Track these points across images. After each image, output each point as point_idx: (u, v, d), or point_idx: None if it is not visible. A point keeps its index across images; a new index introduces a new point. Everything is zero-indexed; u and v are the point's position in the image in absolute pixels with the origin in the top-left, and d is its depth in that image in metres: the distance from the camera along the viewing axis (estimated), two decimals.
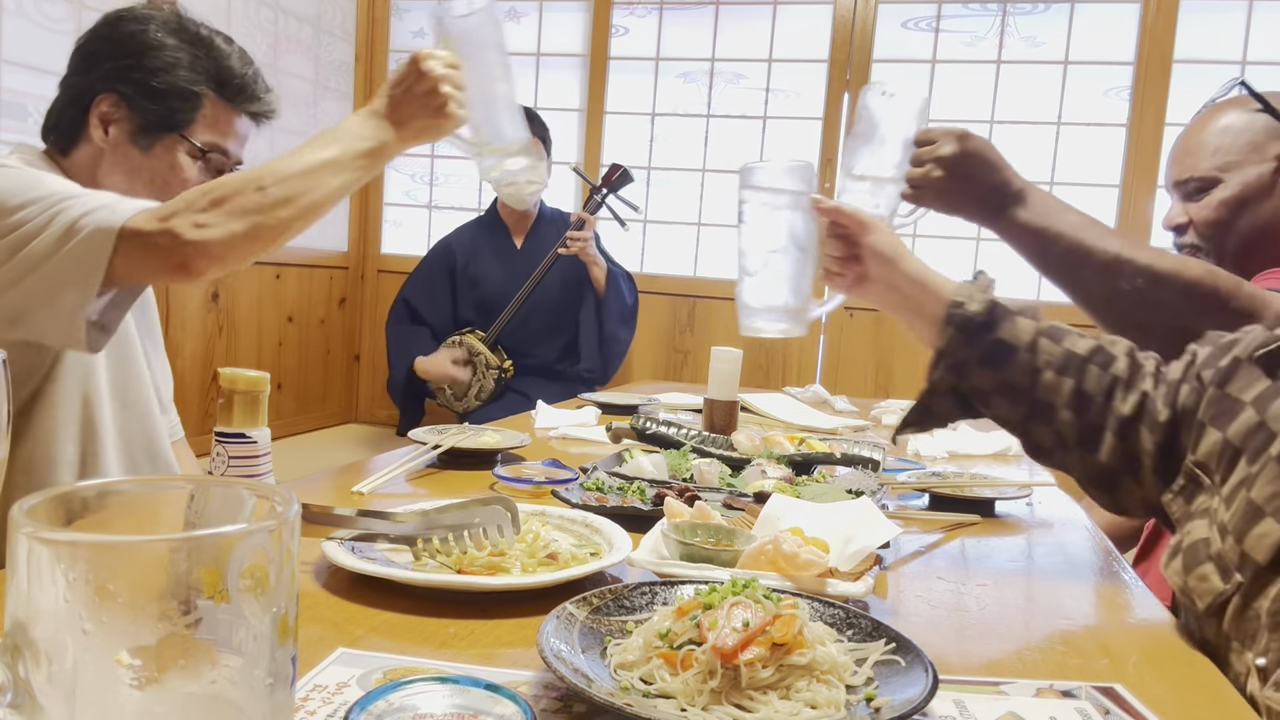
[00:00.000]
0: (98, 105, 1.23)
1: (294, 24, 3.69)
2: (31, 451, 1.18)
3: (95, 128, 1.23)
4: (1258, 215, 1.39)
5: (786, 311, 1.07)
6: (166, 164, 1.26)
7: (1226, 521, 0.74)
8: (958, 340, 0.91)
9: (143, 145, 1.24)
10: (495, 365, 3.06)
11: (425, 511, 0.85)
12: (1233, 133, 1.40)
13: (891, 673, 0.60)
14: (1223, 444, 0.78)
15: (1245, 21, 3.32)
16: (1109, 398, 0.88)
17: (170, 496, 0.42)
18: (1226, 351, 0.82)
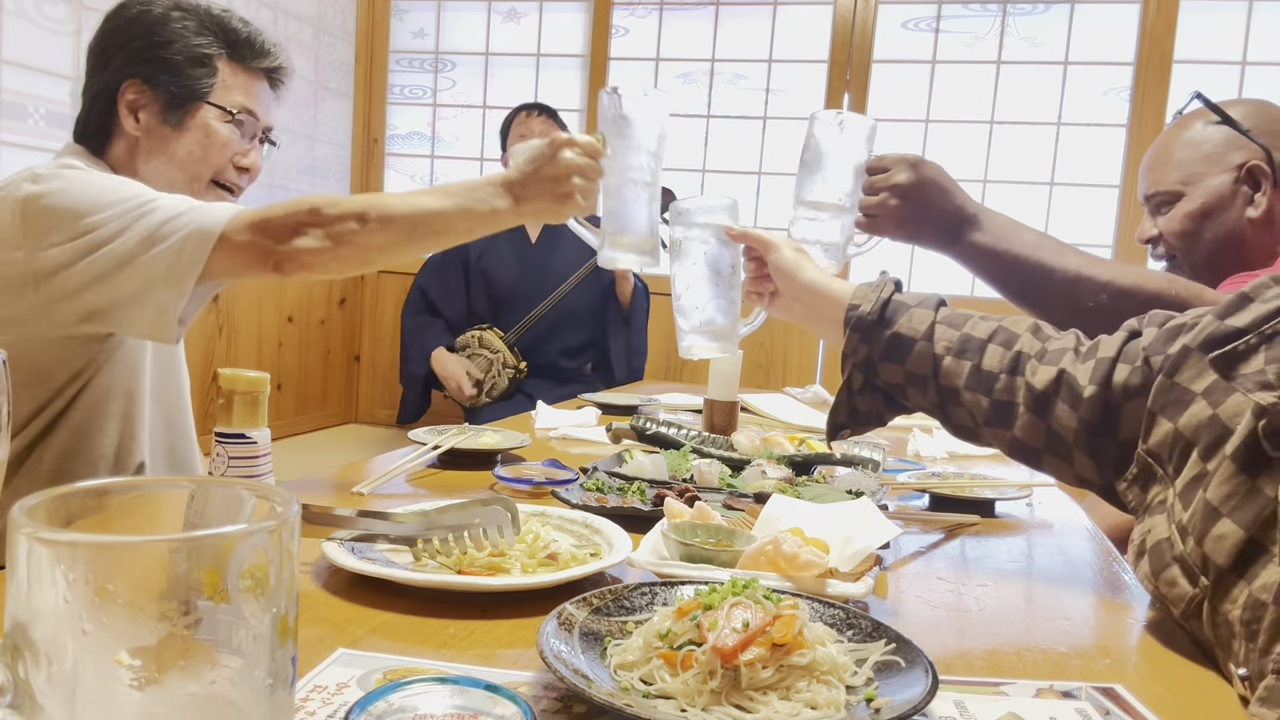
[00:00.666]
0: (123, 95, 1.24)
1: (294, 24, 3.69)
2: (69, 441, 1.20)
3: (125, 118, 1.25)
4: (1221, 225, 1.42)
5: (715, 331, 1.15)
6: (201, 134, 1.27)
7: (1186, 522, 0.73)
8: (856, 340, 0.95)
9: (174, 122, 1.25)
10: (511, 365, 3.08)
11: (425, 512, 0.85)
12: (1193, 146, 1.43)
13: (891, 673, 0.60)
14: (1174, 435, 0.77)
15: (1245, 21, 3.32)
16: (1014, 373, 0.88)
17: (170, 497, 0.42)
18: (1174, 337, 0.81)
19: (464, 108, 4.12)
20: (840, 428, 1.00)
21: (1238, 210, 1.40)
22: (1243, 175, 1.40)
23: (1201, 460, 0.74)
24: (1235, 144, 1.41)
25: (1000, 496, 1.21)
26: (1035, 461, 0.90)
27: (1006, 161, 3.56)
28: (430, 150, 4.17)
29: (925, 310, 0.94)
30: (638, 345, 3.19)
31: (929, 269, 3.58)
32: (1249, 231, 1.41)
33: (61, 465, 1.19)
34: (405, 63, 4.16)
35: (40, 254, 1.08)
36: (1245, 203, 1.40)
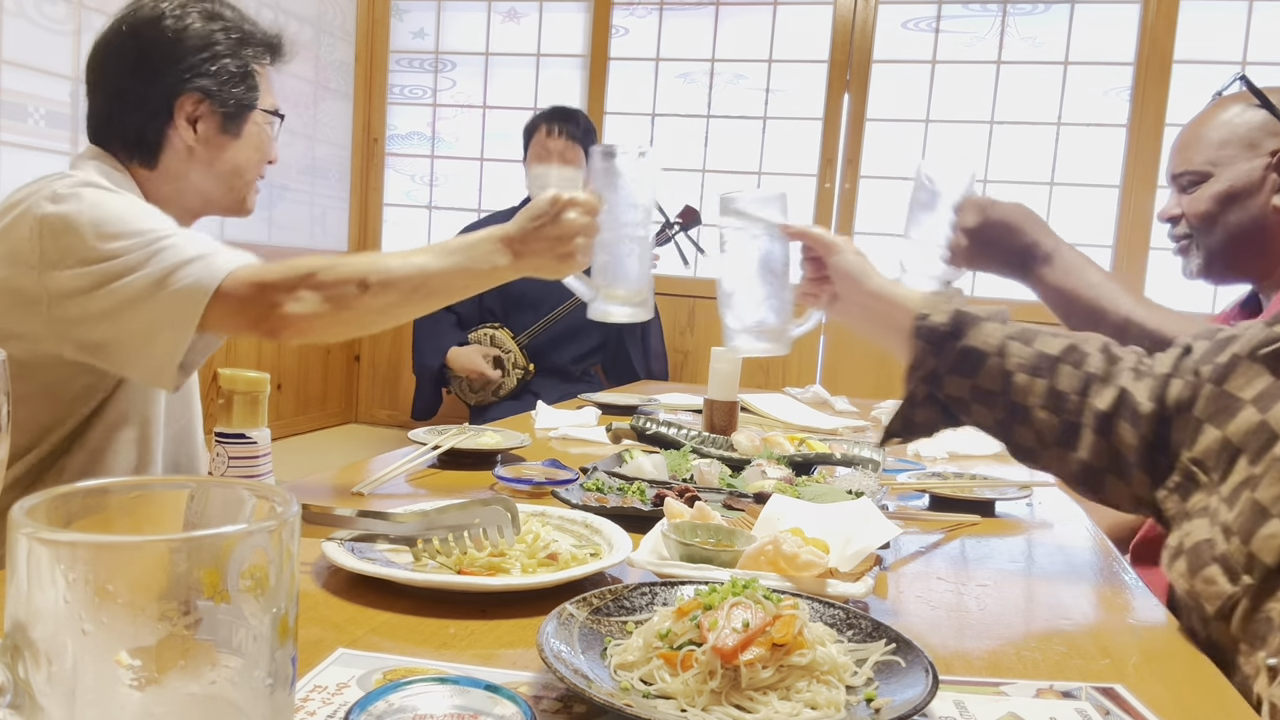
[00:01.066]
0: (181, 108, 1.26)
1: (294, 24, 3.69)
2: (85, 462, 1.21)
3: (184, 129, 1.27)
4: (1245, 211, 1.40)
5: (766, 332, 1.12)
6: (257, 140, 1.32)
7: (1231, 522, 0.73)
8: (926, 351, 0.93)
9: (234, 131, 1.30)
10: (521, 365, 3.10)
11: (425, 512, 0.85)
12: (1229, 128, 1.41)
13: (891, 673, 0.60)
14: (1222, 442, 0.78)
15: (1245, 21, 3.32)
16: (1084, 394, 0.87)
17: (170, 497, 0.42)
18: (1224, 348, 0.82)
19: (464, 108, 4.12)
20: (893, 435, 0.99)
21: (1264, 197, 1.38)
22: (1275, 163, 1.37)
23: (1250, 465, 0.74)
24: (1272, 130, 1.38)
25: (1000, 496, 1.21)
26: (1099, 484, 0.89)
27: (1006, 161, 3.56)
28: (430, 150, 4.17)
29: (996, 324, 0.92)
30: (657, 349, 3.23)
31: None
32: (1272, 220, 1.39)
33: None
34: (405, 63, 4.16)
35: (55, 274, 1.08)
36: (1273, 190, 1.38)
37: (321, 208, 3.97)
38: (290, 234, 3.74)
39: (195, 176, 1.30)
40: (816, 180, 3.71)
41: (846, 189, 3.67)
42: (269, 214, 3.60)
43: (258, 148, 1.33)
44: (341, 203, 4.11)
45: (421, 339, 3.24)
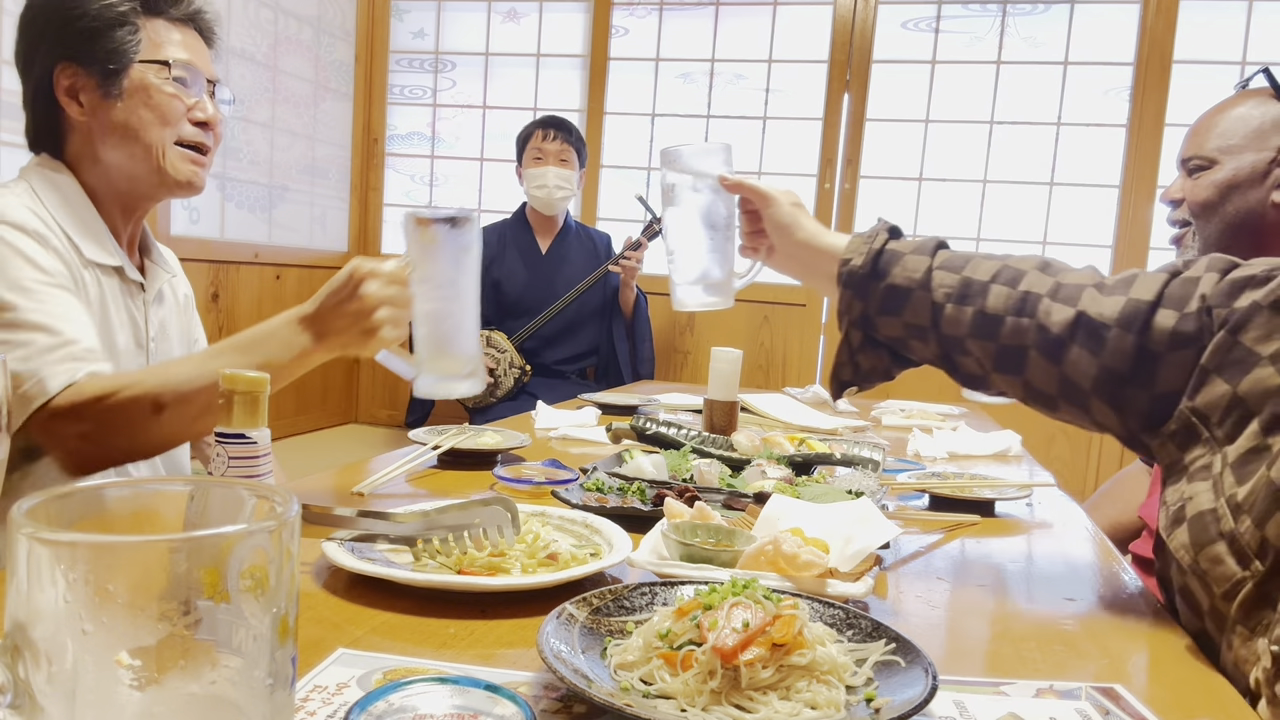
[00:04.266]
0: (58, 84, 1.19)
1: (294, 24, 3.69)
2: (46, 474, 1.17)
3: (69, 105, 1.19)
4: (1244, 201, 1.40)
5: (711, 285, 1.12)
6: (144, 96, 1.20)
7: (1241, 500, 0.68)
8: (850, 296, 0.91)
9: (114, 94, 1.19)
10: (518, 365, 3.11)
11: (425, 512, 0.85)
12: (1242, 119, 1.42)
13: (891, 673, 0.60)
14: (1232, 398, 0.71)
15: (1245, 21, 3.32)
16: (1020, 314, 0.83)
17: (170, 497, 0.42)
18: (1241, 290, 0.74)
19: (464, 108, 4.12)
20: (845, 385, 0.97)
21: (1264, 191, 1.39)
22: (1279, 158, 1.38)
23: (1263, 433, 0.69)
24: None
25: (1000, 496, 1.21)
26: (1051, 408, 0.85)
27: (1006, 161, 3.56)
28: (430, 150, 4.17)
29: (921, 257, 0.89)
30: (644, 353, 3.26)
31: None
32: (1271, 215, 1.39)
33: None
34: (405, 63, 4.16)
35: None
36: (1274, 185, 1.38)
37: (321, 208, 3.97)
38: (290, 234, 3.74)
39: (103, 154, 1.21)
40: (816, 180, 3.71)
41: (846, 189, 3.67)
42: (269, 214, 3.60)
43: (149, 105, 1.20)
44: (341, 203, 4.11)
45: None
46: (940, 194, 3.64)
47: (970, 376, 0.90)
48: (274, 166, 3.64)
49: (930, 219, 3.66)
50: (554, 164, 3.13)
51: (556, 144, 3.13)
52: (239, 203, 3.45)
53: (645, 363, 3.26)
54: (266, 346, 1.08)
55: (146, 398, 1.03)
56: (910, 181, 3.67)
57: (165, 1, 1.23)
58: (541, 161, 3.12)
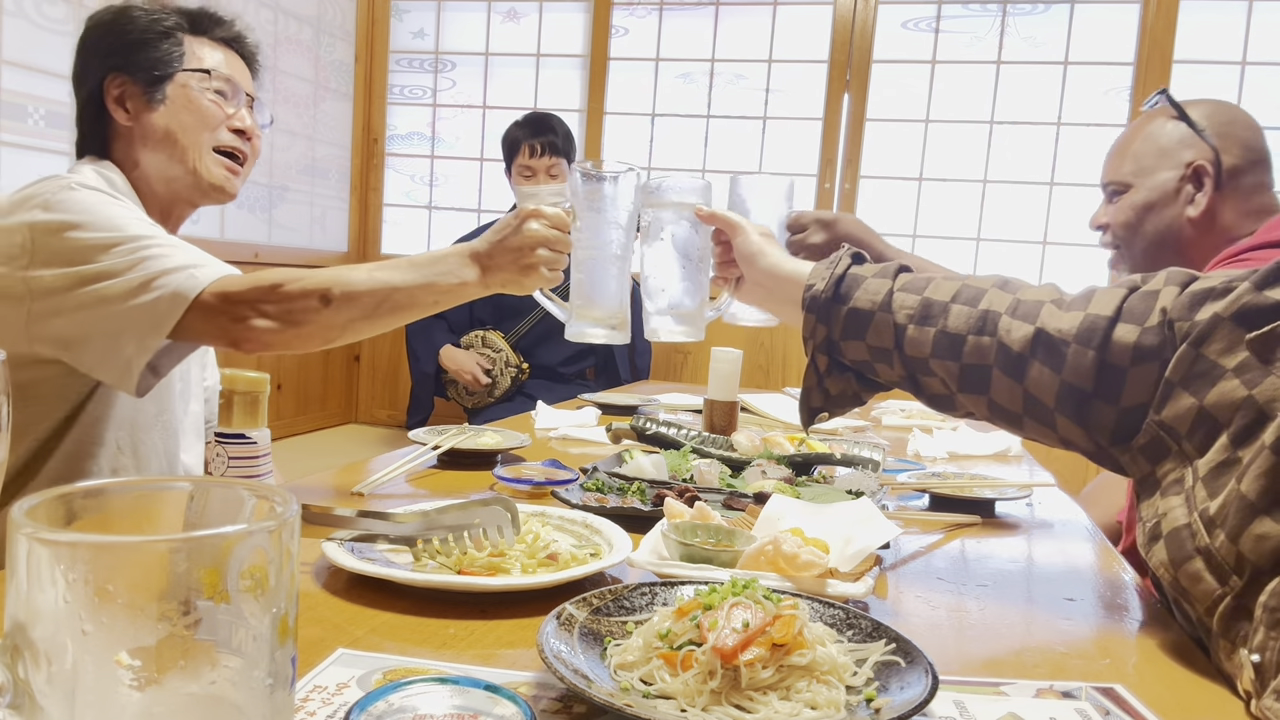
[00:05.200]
0: (108, 93, 1.27)
1: (294, 24, 3.69)
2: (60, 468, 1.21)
3: (115, 111, 1.28)
4: (1161, 220, 1.44)
5: (682, 315, 1.13)
6: (185, 101, 1.29)
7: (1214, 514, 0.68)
8: (814, 321, 0.92)
9: (158, 99, 1.28)
10: (514, 364, 3.10)
11: (425, 512, 0.85)
12: (1150, 140, 1.46)
13: (891, 673, 0.60)
14: (1198, 412, 0.71)
15: (1245, 21, 3.32)
16: (981, 333, 0.83)
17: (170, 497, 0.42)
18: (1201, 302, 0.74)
19: (464, 108, 4.12)
20: (816, 412, 0.97)
21: (1178, 208, 1.43)
22: (1189, 174, 1.42)
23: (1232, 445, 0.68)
24: (1188, 143, 1.43)
25: (1000, 496, 1.21)
26: (1017, 426, 0.85)
27: (1006, 161, 3.56)
28: (430, 150, 4.17)
29: (882, 280, 0.90)
30: (642, 349, 3.22)
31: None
32: (1188, 230, 1.43)
33: None
34: (405, 63, 4.16)
35: (39, 273, 1.11)
36: (1187, 202, 1.42)
37: (321, 208, 3.97)
38: (290, 234, 3.74)
39: (143, 158, 1.29)
40: (816, 180, 3.71)
41: (846, 189, 3.67)
42: (269, 214, 3.60)
43: (190, 109, 1.28)
44: (341, 203, 4.11)
45: (416, 345, 3.24)
46: (940, 194, 3.64)
47: (935, 397, 0.90)
48: (274, 167, 3.64)
49: (930, 219, 3.66)
50: (544, 179, 3.09)
51: (545, 159, 3.06)
52: (239, 203, 3.46)
53: (641, 354, 3.25)
54: (434, 268, 1.14)
55: (316, 290, 1.11)
56: (910, 181, 3.67)
57: (209, 22, 1.33)
58: (532, 178, 3.09)
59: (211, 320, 1.10)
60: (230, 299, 1.10)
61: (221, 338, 1.12)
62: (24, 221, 1.12)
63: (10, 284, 1.12)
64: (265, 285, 1.11)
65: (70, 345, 1.12)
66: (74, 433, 1.22)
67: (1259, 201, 1.43)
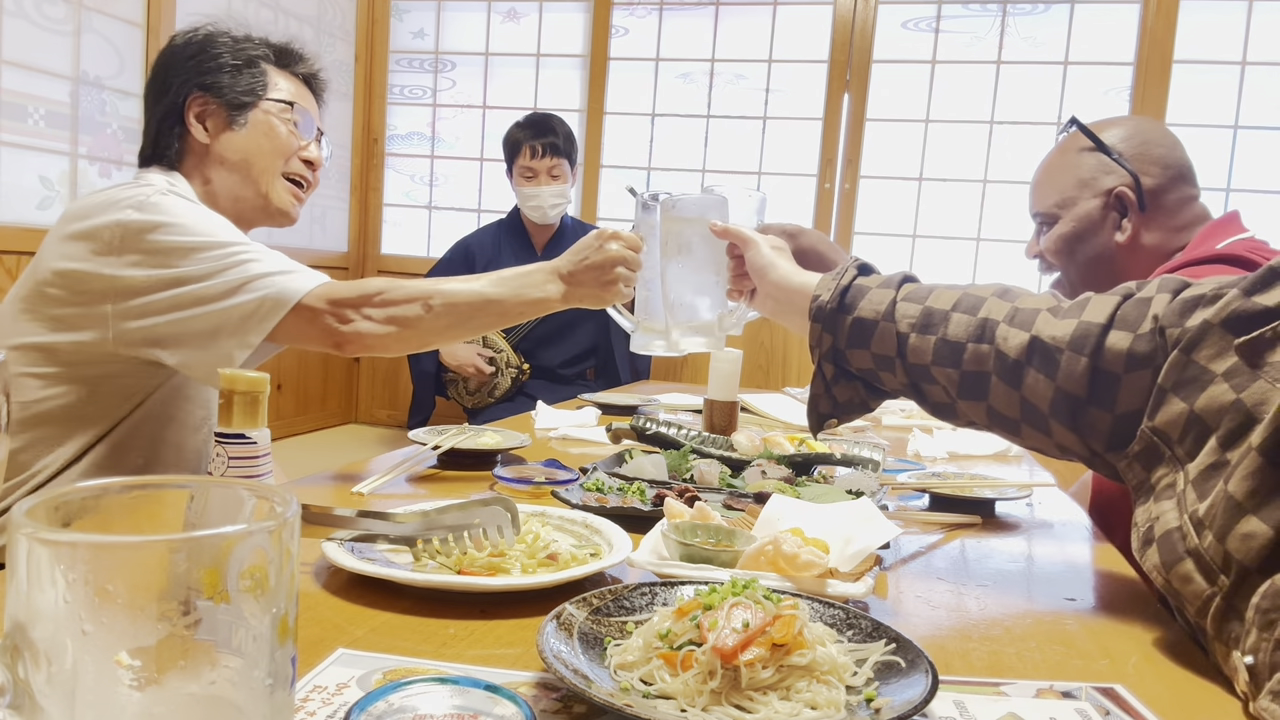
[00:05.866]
0: (189, 109, 1.33)
1: (294, 24, 3.70)
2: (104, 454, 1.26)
3: (195, 128, 1.33)
4: (1091, 248, 1.46)
5: (700, 327, 1.18)
6: (265, 128, 1.36)
7: (1203, 515, 0.69)
8: (819, 331, 0.95)
9: (239, 123, 1.35)
10: (515, 365, 3.10)
11: (425, 512, 0.85)
12: (1069, 170, 1.47)
13: (892, 673, 0.60)
14: (1188, 416, 0.72)
15: (1245, 21, 3.32)
16: (980, 340, 0.85)
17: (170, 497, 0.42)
18: (1191, 309, 0.75)
19: (464, 108, 4.12)
20: (824, 418, 0.99)
21: (1107, 235, 1.44)
22: (1111, 201, 1.43)
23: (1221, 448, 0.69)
24: (1107, 169, 1.44)
25: (1000, 496, 1.21)
26: (1014, 433, 0.87)
27: (1006, 161, 3.56)
28: (430, 150, 4.17)
29: (886, 290, 0.93)
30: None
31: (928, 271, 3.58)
32: (1119, 256, 1.44)
33: None
34: (405, 63, 4.16)
35: (128, 272, 1.16)
36: (1114, 228, 1.44)
37: (321, 208, 3.97)
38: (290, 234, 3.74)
39: (214, 176, 1.35)
40: (816, 180, 3.71)
41: (846, 189, 3.67)
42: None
43: (269, 136, 1.36)
44: (341, 203, 4.11)
45: None
46: (940, 194, 3.64)
47: (938, 405, 0.93)
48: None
49: (930, 219, 3.66)
50: (546, 181, 3.08)
51: (547, 160, 3.06)
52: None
53: (644, 361, 3.25)
54: (522, 283, 1.23)
55: (419, 297, 1.21)
56: (910, 181, 3.67)
57: (293, 59, 1.43)
58: (534, 180, 3.08)
59: (315, 323, 1.17)
60: (337, 302, 1.18)
61: (325, 339, 1.19)
62: (116, 220, 1.17)
63: (98, 281, 1.17)
64: (370, 291, 1.20)
65: (162, 342, 1.17)
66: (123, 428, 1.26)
67: (1186, 215, 1.43)
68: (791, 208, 3.74)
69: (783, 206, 3.75)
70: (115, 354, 1.19)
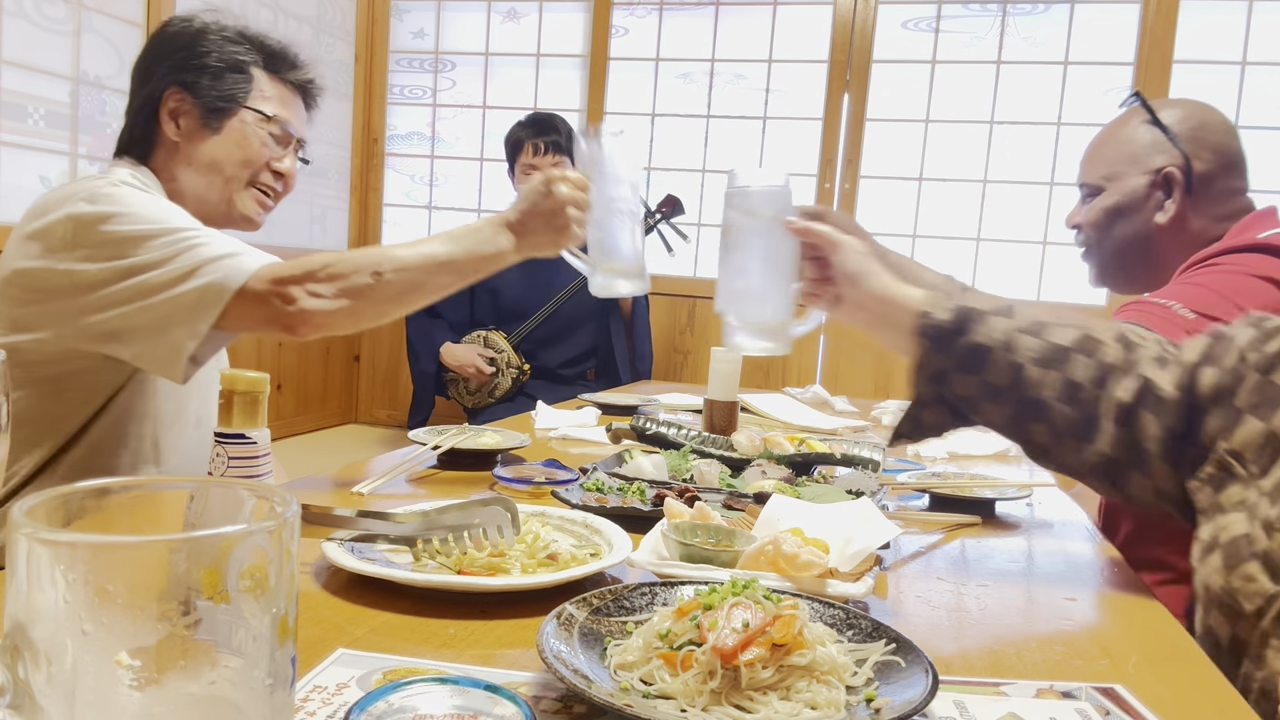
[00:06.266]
0: (165, 103, 1.29)
1: (294, 24, 3.69)
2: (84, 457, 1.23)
3: (167, 124, 1.29)
4: (1130, 225, 1.45)
5: (767, 330, 1.09)
6: (239, 136, 1.31)
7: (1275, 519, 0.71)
8: (930, 350, 0.90)
9: (214, 126, 1.29)
10: (515, 365, 3.10)
11: (425, 512, 0.85)
12: (1122, 143, 1.46)
13: (891, 673, 0.60)
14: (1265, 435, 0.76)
15: (1245, 21, 3.32)
16: (1101, 385, 0.85)
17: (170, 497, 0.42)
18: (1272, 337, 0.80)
19: (464, 108, 4.12)
20: (903, 437, 0.97)
21: (1148, 213, 1.43)
22: (1159, 179, 1.42)
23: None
24: (1160, 147, 1.42)
25: (1000, 496, 1.21)
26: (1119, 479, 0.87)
27: (1006, 161, 3.56)
28: (430, 150, 4.17)
29: (1001, 318, 0.90)
30: (643, 351, 3.23)
31: None
32: (1156, 236, 1.43)
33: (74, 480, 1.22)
34: (405, 63, 4.16)
35: (84, 266, 1.13)
36: (1156, 207, 1.42)
37: (321, 208, 3.97)
38: (290, 234, 3.74)
39: (181, 175, 1.31)
40: (816, 180, 3.71)
41: (846, 189, 3.67)
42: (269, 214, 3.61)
43: (241, 147, 1.31)
44: (341, 203, 4.11)
45: (416, 344, 3.25)
46: (940, 194, 3.64)
47: (1039, 446, 0.90)
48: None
49: (930, 219, 3.66)
50: None
51: (549, 157, 3.06)
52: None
53: (644, 361, 3.25)
54: (473, 238, 1.19)
55: (366, 265, 1.14)
56: (910, 181, 3.67)
57: (284, 65, 1.37)
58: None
59: (262, 306, 1.12)
60: (280, 281, 1.11)
61: (274, 322, 1.13)
62: (67, 214, 1.14)
63: (54, 277, 1.14)
64: (314, 266, 1.13)
65: (117, 336, 1.14)
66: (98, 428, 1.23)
67: (1231, 206, 1.42)
68: None
69: None
70: (75, 350, 1.16)
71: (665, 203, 3.20)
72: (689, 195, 3.82)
